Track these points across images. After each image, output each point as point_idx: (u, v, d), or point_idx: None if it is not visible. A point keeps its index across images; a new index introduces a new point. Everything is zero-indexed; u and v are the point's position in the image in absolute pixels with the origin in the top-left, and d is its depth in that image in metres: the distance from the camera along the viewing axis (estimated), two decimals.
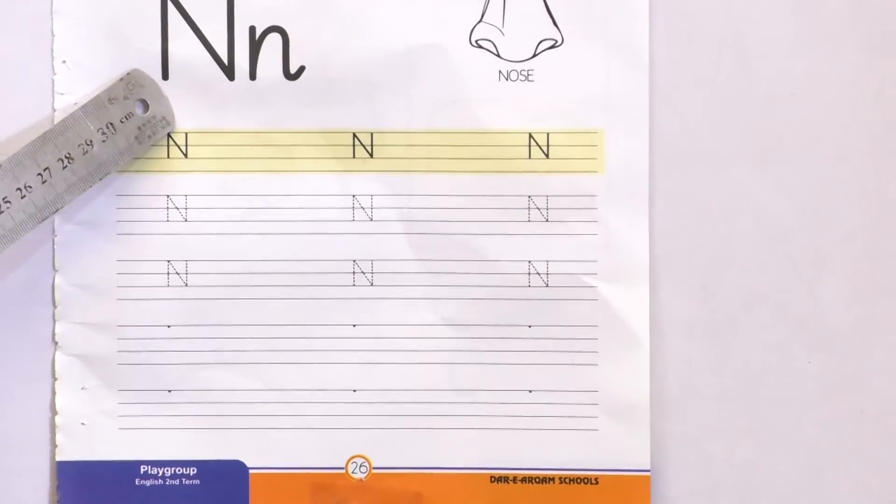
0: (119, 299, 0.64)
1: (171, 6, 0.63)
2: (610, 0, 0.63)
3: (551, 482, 0.64)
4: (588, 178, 0.64)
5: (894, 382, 0.65)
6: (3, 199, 0.59)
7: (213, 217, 0.64)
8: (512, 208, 0.64)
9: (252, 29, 0.63)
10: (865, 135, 0.64)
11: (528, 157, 0.64)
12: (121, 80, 0.61)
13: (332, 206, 0.64)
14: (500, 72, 0.64)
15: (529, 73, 0.64)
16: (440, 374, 0.64)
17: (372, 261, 0.64)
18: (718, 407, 0.64)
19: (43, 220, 0.60)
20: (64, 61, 0.63)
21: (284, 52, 0.63)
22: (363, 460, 0.64)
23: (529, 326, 0.64)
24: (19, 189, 0.59)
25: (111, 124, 0.61)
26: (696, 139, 0.64)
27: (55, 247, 0.63)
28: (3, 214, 0.58)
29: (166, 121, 0.62)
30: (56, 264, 0.63)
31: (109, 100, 0.61)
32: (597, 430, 0.64)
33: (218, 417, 0.64)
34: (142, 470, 0.64)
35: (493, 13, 0.63)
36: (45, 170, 0.60)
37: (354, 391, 0.64)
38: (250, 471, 0.64)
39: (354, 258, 0.64)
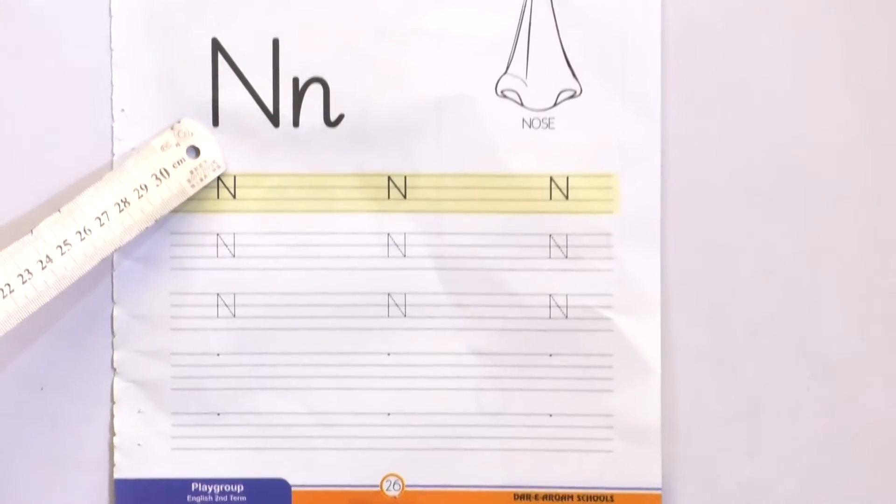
0: (172, 329, 0.65)
1: (220, 59, 0.64)
2: (625, 54, 0.64)
3: (570, 499, 0.65)
4: (604, 217, 0.65)
5: (888, 407, 0.65)
6: (64, 241, 0.61)
7: (260, 253, 0.65)
8: (534, 246, 0.65)
9: (295, 80, 0.65)
10: (861, 177, 0.65)
11: (548, 198, 0.65)
12: (171, 128, 0.64)
13: (368, 244, 0.65)
14: (523, 119, 0.65)
15: (550, 120, 0.65)
16: (468, 399, 0.65)
17: (405, 294, 0.65)
18: (724, 430, 0.65)
19: (101, 260, 0.62)
20: (122, 110, 0.65)
21: (325, 102, 0.64)
22: (397, 479, 0.65)
23: (550, 355, 0.65)
24: (79, 232, 0.62)
25: (164, 170, 0.64)
26: (704, 182, 0.65)
27: (114, 281, 0.65)
28: (64, 256, 0.61)
29: (217, 164, 0.64)
30: (115, 297, 0.65)
31: (162, 147, 0.63)
32: (612, 451, 0.65)
33: (263, 439, 0.65)
34: (193, 487, 0.65)
35: (518, 66, 0.65)
36: (102, 213, 0.62)
37: (389, 414, 0.65)
38: (293, 488, 0.65)
39: (389, 291, 0.65)
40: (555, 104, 0.65)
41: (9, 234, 0.64)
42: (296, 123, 0.65)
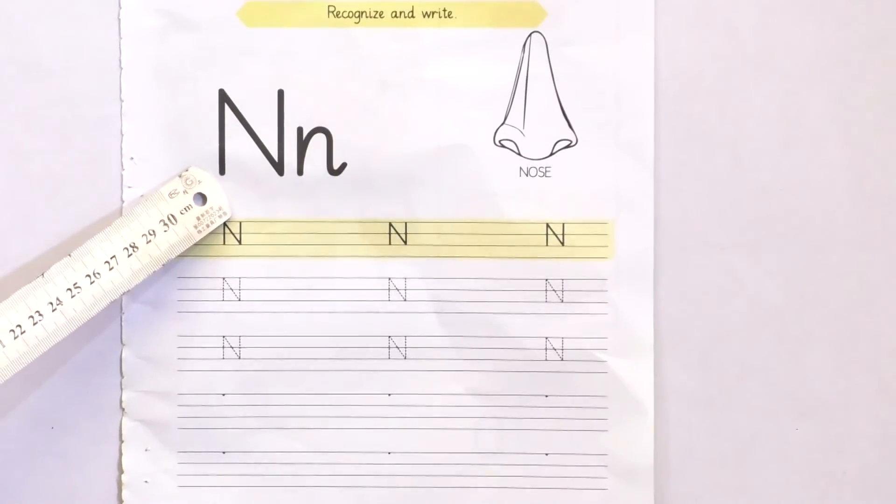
0: (179, 370, 0.66)
1: (227, 109, 0.66)
2: (619, 105, 0.66)
3: None
4: (599, 263, 0.66)
5: (873, 447, 0.66)
6: (74, 284, 0.63)
7: (264, 297, 0.66)
8: (531, 290, 0.66)
9: (300, 129, 0.66)
10: (847, 225, 0.66)
11: (545, 244, 0.66)
12: (179, 176, 0.65)
13: (369, 288, 0.66)
14: (520, 168, 0.66)
15: (547, 169, 0.66)
16: (466, 439, 0.66)
17: (405, 336, 0.66)
18: (715, 469, 0.66)
19: (109, 302, 0.63)
20: (132, 158, 0.66)
21: (328, 151, 0.66)
22: None
23: (546, 396, 0.66)
24: (88, 276, 0.63)
25: (172, 216, 0.65)
26: (696, 229, 0.66)
27: (123, 323, 0.66)
28: (74, 298, 0.62)
29: (223, 211, 0.65)
30: (123, 339, 0.66)
31: (170, 194, 0.65)
32: (606, 489, 0.66)
33: (267, 476, 0.66)
34: None
35: (515, 116, 0.66)
36: (111, 258, 0.64)
37: (389, 453, 0.66)
38: None
39: (390, 334, 0.66)
40: (551, 153, 0.66)
41: (20, 277, 0.66)
42: (300, 172, 0.66)
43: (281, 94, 0.66)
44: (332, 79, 0.66)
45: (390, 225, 0.66)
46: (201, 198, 0.66)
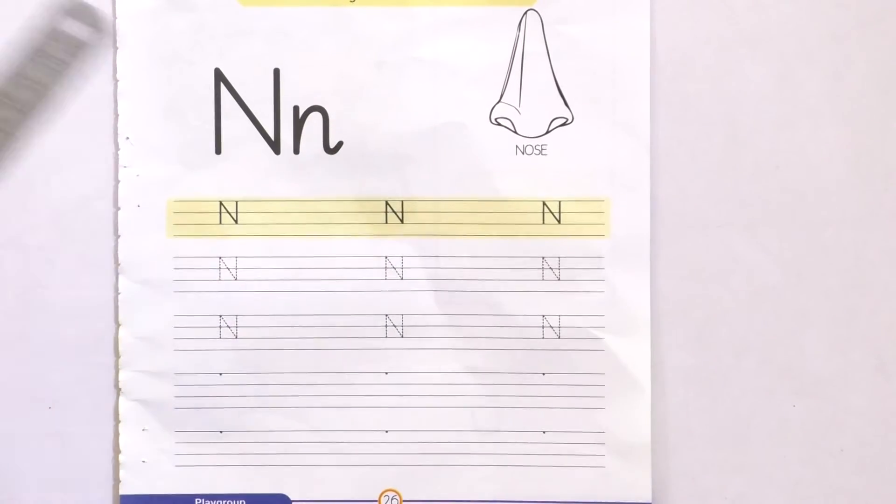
0: (176, 350, 0.66)
1: (223, 88, 0.66)
2: (615, 83, 0.66)
3: None
4: (596, 241, 0.66)
5: (870, 423, 0.67)
6: None
7: (261, 276, 0.66)
8: (527, 268, 0.66)
9: (296, 108, 0.66)
10: (843, 203, 0.67)
11: (541, 222, 0.66)
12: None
13: (366, 267, 0.66)
14: (516, 146, 0.66)
15: (543, 147, 0.66)
16: (463, 417, 0.66)
17: (402, 315, 0.66)
18: (712, 446, 0.67)
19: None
20: (127, 138, 0.66)
21: (325, 130, 0.66)
22: (394, 494, 0.67)
23: (543, 374, 0.67)
24: None
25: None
26: (693, 207, 0.66)
27: (119, 303, 0.66)
28: None
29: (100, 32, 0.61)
30: (119, 319, 0.66)
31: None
32: (603, 467, 0.66)
33: (264, 455, 0.66)
34: (196, 502, 0.66)
35: (511, 94, 0.66)
36: None
37: (386, 432, 0.67)
38: (293, 503, 0.67)
39: (387, 313, 0.66)
40: (547, 131, 0.67)
41: (17, 253, 0.66)
42: (296, 150, 0.66)
43: (277, 72, 0.66)
44: (328, 58, 0.66)
45: (387, 203, 0.67)
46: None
